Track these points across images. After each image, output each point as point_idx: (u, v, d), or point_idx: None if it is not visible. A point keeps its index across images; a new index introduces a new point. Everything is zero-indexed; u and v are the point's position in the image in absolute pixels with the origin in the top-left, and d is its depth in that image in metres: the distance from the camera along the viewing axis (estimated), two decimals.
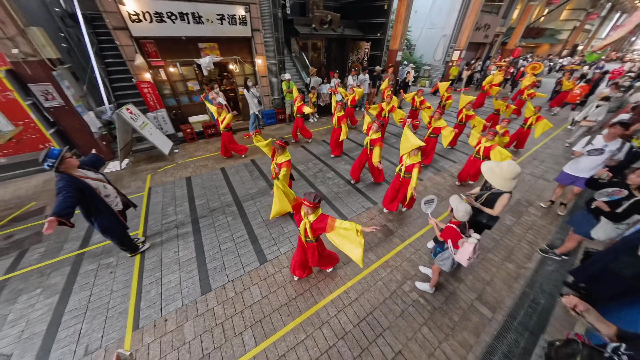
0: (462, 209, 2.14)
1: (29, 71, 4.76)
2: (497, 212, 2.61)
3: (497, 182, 2.49)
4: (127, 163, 6.12)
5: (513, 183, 2.48)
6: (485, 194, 2.71)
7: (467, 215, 2.15)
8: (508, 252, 3.60)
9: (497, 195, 2.59)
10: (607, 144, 3.56)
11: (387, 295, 2.90)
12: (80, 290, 2.97)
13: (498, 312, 2.78)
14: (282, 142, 3.59)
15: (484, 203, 2.73)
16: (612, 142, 3.56)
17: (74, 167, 2.63)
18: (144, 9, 5.47)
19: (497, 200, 2.58)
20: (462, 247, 2.05)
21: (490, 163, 2.61)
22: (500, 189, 2.54)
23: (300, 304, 2.81)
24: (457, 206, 2.17)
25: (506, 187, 2.48)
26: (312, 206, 2.22)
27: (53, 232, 3.84)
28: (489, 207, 2.67)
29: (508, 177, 2.45)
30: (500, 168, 2.47)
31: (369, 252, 3.50)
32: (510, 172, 2.43)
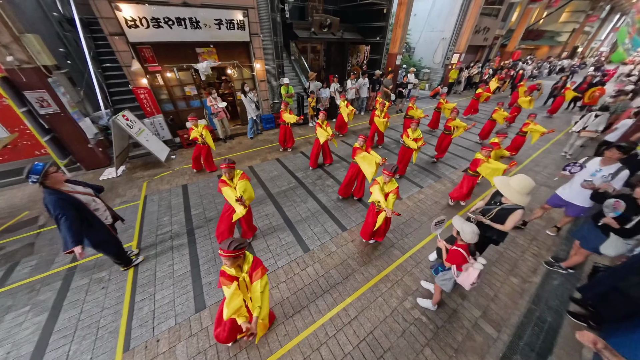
0: (469, 230, 2.02)
1: (24, 78, 4.68)
2: (509, 227, 2.50)
3: (514, 196, 2.38)
4: (124, 170, 6.03)
5: (528, 198, 2.40)
6: (494, 209, 2.60)
7: (476, 236, 2.02)
8: (512, 264, 3.50)
9: (509, 211, 2.48)
10: (602, 169, 3.11)
11: (387, 313, 2.80)
12: (71, 307, 2.87)
13: (503, 331, 2.68)
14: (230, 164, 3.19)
15: (494, 218, 2.63)
16: (608, 166, 3.08)
17: (61, 182, 2.55)
18: (140, 14, 5.40)
19: (510, 216, 2.47)
20: (466, 272, 1.95)
21: (503, 177, 2.52)
22: (516, 204, 2.44)
23: (298, 322, 2.71)
24: (463, 228, 2.05)
25: (522, 201, 2.38)
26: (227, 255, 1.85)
27: (45, 244, 3.77)
28: (500, 222, 2.57)
29: (524, 192, 2.36)
30: (515, 182, 2.39)
31: (369, 265, 3.40)
32: (526, 187, 2.35)
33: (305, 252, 3.62)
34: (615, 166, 3.06)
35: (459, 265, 2.02)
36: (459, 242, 2.15)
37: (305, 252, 3.62)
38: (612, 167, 3.06)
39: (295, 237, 3.88)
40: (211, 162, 5.85)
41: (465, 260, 2.02)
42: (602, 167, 3.11)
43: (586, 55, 33.46)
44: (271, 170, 5.90)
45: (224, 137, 7.48)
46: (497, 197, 2.65)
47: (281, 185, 5.28)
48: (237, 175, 3.28)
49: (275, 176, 5.63)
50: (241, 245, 1.88)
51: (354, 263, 3.45)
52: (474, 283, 1.95)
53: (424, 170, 6.00)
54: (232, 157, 6.59)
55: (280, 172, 5.78)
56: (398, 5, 9.96)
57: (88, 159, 5.95)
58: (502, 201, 2.58)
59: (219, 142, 7.49)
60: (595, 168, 3.14)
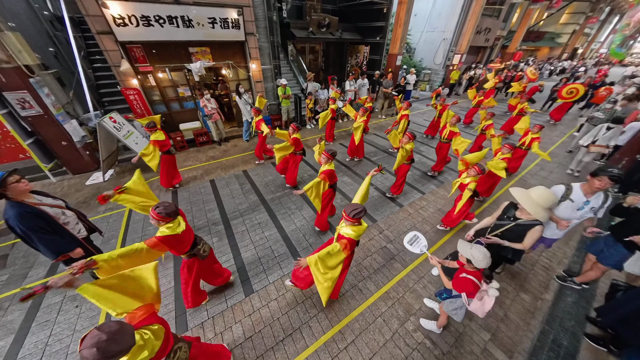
0: (481, 256, 1.75)
1: (3, 79, 4.43)
2: (527, 245, 2.23)
3: (536, 210, 2.11)
4: (112, 174, 5.78)
5: (548, 214, 2.17)
6: (508, 225, 2.34)
7: (489, 259, 1.76)
8: (522, 279, 3.25)
9: (527, 227, 2.21)
10: (589, 200, 2.48)
11: (388, 337, 2.54)
12: (39, 329, 2.60)
13: (515, 357, 2.42)
14: None
15: (507, 234, 2.37)
16: (593, 196, 2.48)
17: (25, 193, 2.29)
18: (129, 12, 5.16)
19: (529, 232, 2.20)
20: (480, 300, 1.70)
21: (522, 189, 2.26)
22: (536, 219, 2.18)
23: (289, 347, 2.45)
24: (473, 255, 1.77)
25: (544, 217, 2.12)
26: None
27: (20, 256, 3.51)
28: (515, 238, 2.30)
29: (547, 205, 2.12)
30: (537, 194, 2.15)
31: (367, 280, 3.15)
32: (549, 200, 2.12)
33: None
34: (600, 195, 2.48)
35: (472, 293, 1.76)
36: (468, 269, 1.86)
37: None
38: (598, 196, 2.48)
39: (289, 248, 3.63)
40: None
41: (478, 287, 1.76)
42: (589, 197, 2.48)
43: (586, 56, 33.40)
44: (266, 174, 5.65)
45: (218, 139, 7.23)
46: (510, 211, 2.39)
47: (276, 190, 5.03)
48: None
49: (270, 181, 5.38)
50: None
51: (351, 277, 3.20)
52: (490, 311, 1.70)
53: (425, 175, 5.76)
54: (225, 160, 6.34)
55: (274, 177, 5.53)
56: (398, 5, 9.74)
57: (74, 162, 5.69)
58: (517, 215, 2.32)
59: (213, 145, 7.25)
60: (582, 199, 2.51)
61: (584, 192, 2.50)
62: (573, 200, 2.53)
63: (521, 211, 2.25)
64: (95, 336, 1.08)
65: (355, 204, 2.18)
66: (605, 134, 5.21)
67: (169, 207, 2.01)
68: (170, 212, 1.99)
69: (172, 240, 2.00)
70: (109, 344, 1.09)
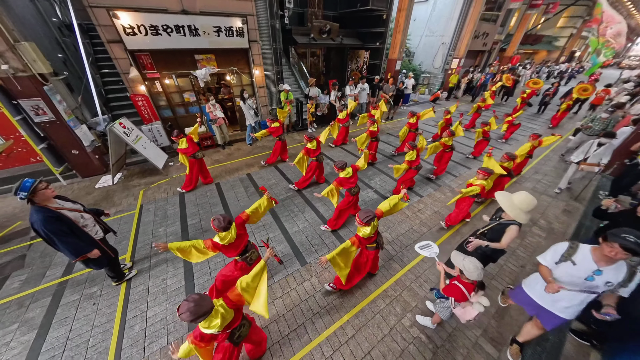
0: (473, 268, 1.84)
1: (19, 87, 4.64)
2: (504, 244, 2.46)
3: (516, 213, 2.35)
4: (120, 177, 5.97)
5: (528, 216, 2.37)
6: (492, 224, 2.56)
7: (482, 272, 1.85)
8: (513, 278, 3.43)
9: (505, 226, 2.44)
10: (601, 270, 1.86)
11: (386, 332, 2.72)
12: (60, 325, 2.79)
13: (504, 350, 2.60)
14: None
15: (490, 233, 2.58)
16: (610, 266, 1.84)
17: (49, 199, 2.49)
18: (139, 22, 5.38)
19: (505, 232, 2.42)
20: (463, 308, 1.88)
21: (506, 193, 2.48)
22: (515, 220, 2.39)
23: (294, 342, 2.63)
24: (465, 266, 1.86)
25: (523, 219, 2.34)
26: None
27: (37, 257, 3.70)
28: (496, 238, 2.52)
29: (525, 209, 2.32)
30: (518, 198, 2.36)
31: (367, 279, 3.33)
32: (528, 204, 2.32)
33: (302, 265, 3.55)
34: (622, 266, 1.82)
35: (457, 300, 1.94)
36: (462, 279, 1.97)
37: (302, 265, 3.55)
38: (618, 268, 1.82)
39: (293, 250, 3.82)
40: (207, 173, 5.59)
41: (465, 298, 1.90)
42: (603, 266, 1.86)
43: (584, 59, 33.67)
44: (269, 178, 5.85)
45: (222, 143, 7.44)
46: (498, 212, 2.60)
47: (279, 194, 5.22)
48: None
49: (273, 184, 5.57)
50: (193, 320, 1.64)
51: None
52: (470, 321, 1.88)
53: (423, 178, 5.95)
54: (230, 164, 6.54)
55: (278, 180, 5.73)
56: (397, 12, 9.99)
57: (84, 166, 5.89)
58: (502, 216, 2.53)
59: (218, 149, 7.45)
60: (591, 267, 1.89)
61: (595, 258, 1.88)
62: (576, 263, 1.96)
63: (505, 213, 2.45)
64: (186, 304, 1.58)
65: (367, 210, 2.58)
66: (596, 150, 4.84)
67: (223, 221, 2.38)
68: (223, 227, 2.37)
69: (221, 247, 2.45)
70: (196, 308, 1.59)
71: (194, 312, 1.58)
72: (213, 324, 1.72)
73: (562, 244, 2.09)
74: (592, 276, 1.88)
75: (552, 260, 2.08)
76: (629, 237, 1.64)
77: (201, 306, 1.61)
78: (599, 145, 4.83)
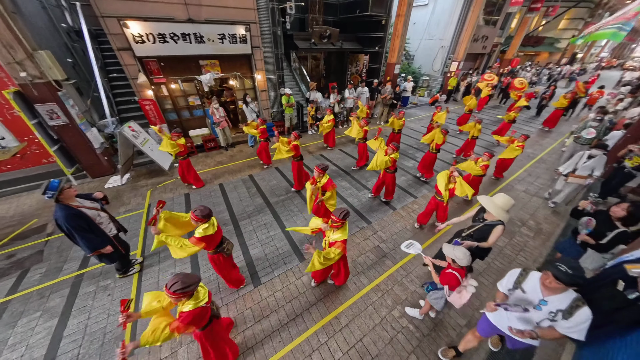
0: (463, 256, 2.08)
1: (36, 92, 4.93)
2: (491, 243, 2.69)
3: (498, 212, 2.58)
4: (128, 178, 6.25)
5: (509, 215, 2.61)
6: (478, 225, 2.78)
7: (469, 257, 2.11)
8: (499, 275, 3.65)
9: (491, 227, 2.67)
10: (546, 300, 1.77)
11: (377, 321, 2.96)
12: (79, 313, 3.05)
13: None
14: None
15: (477, 233, 2.80)
16: (554, 296, 1.75)
17: (72, 197, 2.75)
18: (147, 31, 5.67)
19: (492, 232, 2.65)
20: (459, 293, 2.10)
21: (486, 196, 2.75)
22: (498, 220, 2.63)
23: (292, 329, 2.88)
24: (456, 255, 2.10)
25: (505, 217, 2.58)
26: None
27: (54, 252, 3.97)
28: (482, 238, 2.75)
29: (505, 208, 2.57)
30: (498, 199, 2.62)
31: (361, 275, 3.57)
32: (507, 204, 2.57)
33: (301, 261, 3.80)
34: (567, 297, 1.72)
35: (453, 287, 2.15)
36: (454, 267, 2.17)
37: (301, 261, 3.80)
38: (564, 297, 1.72)
39: (292, 246, 4.06)
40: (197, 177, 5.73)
41: (459, 282, 2.13)
42: (547, 296, 1.78)
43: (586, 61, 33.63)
44: (270, 179, 6.10)
45: (225, 145, 7.71)
46: (480, 213, 2.82)
47: (279, 194, 5.47)
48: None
49: (274, 185, 5.82)
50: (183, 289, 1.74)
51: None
52: (464, 304, 2.11)
53: (418, 180, 6.17)
54: (232, 165, 6.80)
55: (278, 181, 5.98)
56: (396, 17, 10.23)
57: (94, 167, 6.17)
58: (485, 217, 2.76)
59: (220, 150, 7.72)
60: (538, 296, 1.82)
61: (541, 287, 1.81)
62: (525, 291, 1.89)
63: (488, 214, 2.69)
64: (175, 276, 1.78)
65: (341, 208, 2.61)
66: (585, 162, 4.43)
67: (204, 210, 2.47)
68: (205, 215, 2.46)
69: (206, 239, 2.51)
70: (185, 278, 1.77)
71: (183, 281, 1.72)
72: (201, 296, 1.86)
73: (516, 270, 2.02)
74: (540, 306, 1.78)
75: (507, 287, 2.01)
76: (561, 266, 1.62)
77: (189, 277, 1.79)
78: (589, 158, 4.43)
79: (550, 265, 1.71)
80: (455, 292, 2.16)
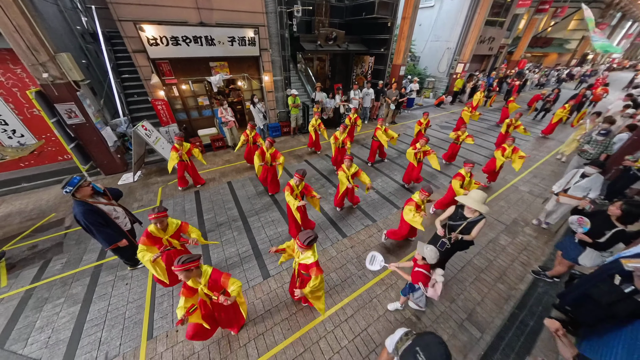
0: (433, 255, 2.27)
1: (56, 92, 5.18)
2: (473, 236, 2.87)
3: (476, 205, 2.73)
4: (140, 175, 6.47)
5: (487, 208, 2.77)
6: (463, 223, 2.91)
7: (437, 256, 2.30)
8: (501, 272, 3.74)
9: (475, 223, 2.85)
10: None
11: (381, 313, 3.08)
12: (100, 300, 3.25)
13: (487, 332, 2.93)
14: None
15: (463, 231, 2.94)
16: None
17: (88, 195, 2.92)
18: (161, 34, 5.89)
19: (475, 226, 2.84)
20: (432, 287, 2.26)
21: (464, 195, 2.94)
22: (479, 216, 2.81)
23: (300, 318, 3.02)
24: (425, 253, 2.29)
25: (483, 209, 2.73)
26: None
27: (73, 244, 4.19)
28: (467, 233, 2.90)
29: (481, 201, 2.73)
30: (474, 194, 2.81)
31: (366, 270, 3.69)
32: (482, 197, 2.75)
33: None
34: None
35: (425, 283, 2.32)
36: (419, 263, 2.38)
37: None
38: None
39: None
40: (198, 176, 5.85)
41: (429, 277, 2.32)
42: None
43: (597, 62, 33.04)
44: None
45: (232, 144, 7.90)
46: (458, 211, 2.98)
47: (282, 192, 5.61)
48: (173, 225, 2.91)
49: (281, 184, 5.97)
50: (190, 260, 2.05)
51: (353, 267, 3.75)
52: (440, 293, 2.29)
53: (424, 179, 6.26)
54: (240, 164, 6.98)
55: (285, 180, 6.13)
56: (402, 19, 10.33)
57: (107, 164, 6.42)
58: (466, 214, 2.89)
59: (228, 150, 7.91)
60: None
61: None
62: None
63: (467, 211, 2.86)
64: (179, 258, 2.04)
65: (307, 231, 2.36)
66: (578, 182, 3.85)
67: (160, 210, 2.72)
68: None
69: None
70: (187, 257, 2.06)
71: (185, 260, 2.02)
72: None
73: (399, 331, 1.74)
74: None
75: (390, 348, 1.73)
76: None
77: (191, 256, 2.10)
78: (583, 177, 3.85)
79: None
80: (429, 287, 2.33)
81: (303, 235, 2.31)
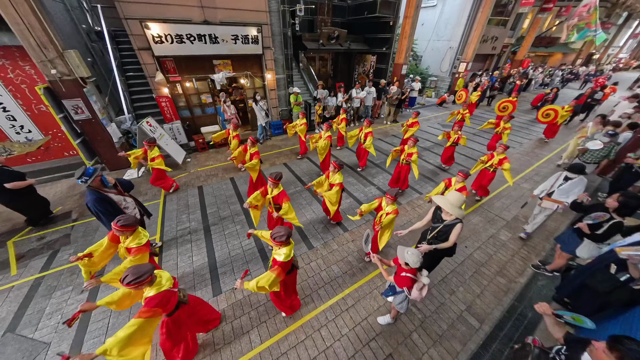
0: (415, 259, 2.15)
1: (64, 89, 5.29)
2: (452, 242, 2.71)
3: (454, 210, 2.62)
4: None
5: (462, 212, 2.68)
6: (438, 227, 2.82)
7: (421, 259, 2.20)
8: (501, 266, 3.77)
9: (452, 227, 2.71)
10: None
11: (381, 303, 3.13)
12: (106, 288, 3.33)
13: (486, 323, 2.97)
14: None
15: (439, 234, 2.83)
16: None
17: (97, 183, 3.03)
18: (166, 32, 5.99)
19: (452, 230, 2.69)
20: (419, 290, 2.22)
21: (440, 196, 2.81)
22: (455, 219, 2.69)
23: (302, 308, 3.08)
24: (409, 258, 2.18)
25: (459, 213, 2.64)
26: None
27: (80, 236, 4.28)
28: (445, 238, 2.77)
29: (458, 205, 2.65)
30: (451, 197, 2.71)
31: (368, 264, 3.75)
32: (459, 200, 2.66)
33: (309, 249, 4.00)
34: None
35: (411, 287, 2.27)
36: (406, 268, 2.27)
37: (309, 249, 4.00)
38: None
39: (301, 236, 4.27)
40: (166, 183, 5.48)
41: (414, 281, 2.27)
42: None
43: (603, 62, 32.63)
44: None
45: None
46: (437, 213, 2.88)
47: (288, 188, 5.69)
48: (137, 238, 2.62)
49: (283, 180, 6.04)
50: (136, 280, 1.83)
51: (354, 260, 3.81)
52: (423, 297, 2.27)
53: (424, 177, 6.30)
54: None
55: (287, 176, 6.20)
56: (404, 18, 10.37)
57: (112, 160, 6.52)
58: (443, 217, 2.78)
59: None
60: None
61: None
62: None
63: (445, 213, 2.75)
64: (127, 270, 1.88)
65: (278, 228, 2.32)
66: (562, 185, 3.74)
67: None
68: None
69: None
70: (135, 270, 1.86)
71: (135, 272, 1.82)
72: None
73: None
74: None
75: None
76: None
77: (141, 267, 1.89)
78: (566, 180, 3.73)
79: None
80: (415, 289, 2.27)
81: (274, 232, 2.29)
